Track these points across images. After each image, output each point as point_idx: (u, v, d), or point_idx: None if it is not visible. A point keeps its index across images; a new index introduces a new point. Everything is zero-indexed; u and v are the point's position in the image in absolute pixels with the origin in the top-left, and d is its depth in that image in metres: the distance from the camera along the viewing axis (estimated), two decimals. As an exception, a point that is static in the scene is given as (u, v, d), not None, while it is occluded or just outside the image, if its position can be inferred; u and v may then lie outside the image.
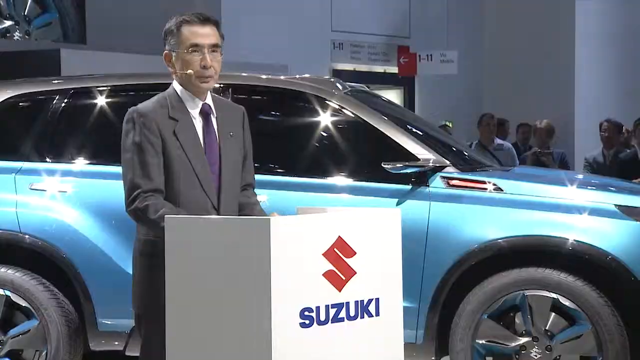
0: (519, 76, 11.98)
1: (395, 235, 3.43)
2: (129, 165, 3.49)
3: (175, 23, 3.58)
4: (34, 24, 8.14)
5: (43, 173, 5.26)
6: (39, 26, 8.15)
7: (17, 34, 7.81)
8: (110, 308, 5.07)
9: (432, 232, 4.87)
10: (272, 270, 3.00)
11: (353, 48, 17.20)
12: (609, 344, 4.73)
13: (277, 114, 5.43)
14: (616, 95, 12.48)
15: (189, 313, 3.16)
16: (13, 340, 5.15)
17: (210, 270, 3.12)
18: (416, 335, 4.85)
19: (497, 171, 5.44)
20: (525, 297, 4.81)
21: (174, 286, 3.19)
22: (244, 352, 3.05)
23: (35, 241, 5.15)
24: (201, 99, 3.61)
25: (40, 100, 5.47)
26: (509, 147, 10.06)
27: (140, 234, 3.58)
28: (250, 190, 3.77)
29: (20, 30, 7.93)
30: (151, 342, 3.49)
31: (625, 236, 4.82)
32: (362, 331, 3.26)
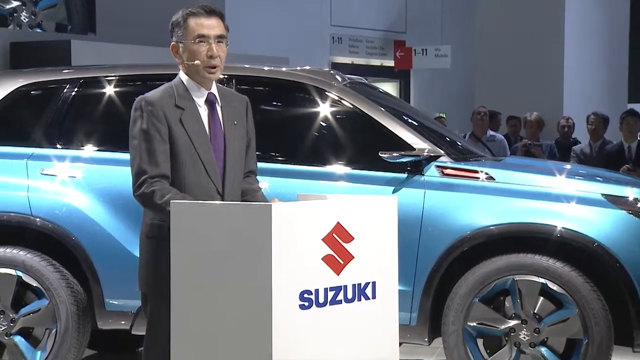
0: (510, 70, 11.99)
1: (392, 221, 3.43)
2: (137, 151, 3.49)
3: (182, 15, 3.57)
4: (40, 5, 8.05)
5: (53, 159, 5.25)
6: (44, 7, 8.06)
7: (24, 14, 7.72)
8: (117, 289, 5.06)
9: (427, 218, 4.86)
10: (273, 254, 3.00)
11: (351, 42, 17.20)
12: (594, 327, 4.73)
13: (278, 104, 5.42)
14: (602, 89, 12.49)
15: (193, 294, 3.16)
16: (24, 318, 5.15)
17: (213, 253, 3.12)
18: (410, 318, 4.85)
19: (489, 161, 5.43)
20: (515, 282, 4.80)
21: (179, 268, 3.18)
22: (246, 332, 3.05)
23: (45, 224, 5.14)
24: (207, 88, 3.61)
25: (51, 89, 5.45)
26: (501, 139, 10.06)
27: (146, 217, 3.57)
28: (252, 177, 3.77)
29: (27, 10, 7.86)
30: (156, 321, 3.49)
31: (611, 224, 4.82)
32: (359, 313, 3.27)
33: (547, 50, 11.99)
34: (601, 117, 9.51)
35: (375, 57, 17.64)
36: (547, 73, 11.97)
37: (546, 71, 11.97)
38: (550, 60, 11.98)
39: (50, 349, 5.11)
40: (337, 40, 16.89)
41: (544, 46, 12.00)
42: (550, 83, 11.95)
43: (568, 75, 12.07)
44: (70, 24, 8.15)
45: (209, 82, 3.61)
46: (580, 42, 12.23)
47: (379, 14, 17.42)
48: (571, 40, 12.10)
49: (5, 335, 5.13)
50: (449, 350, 4.88)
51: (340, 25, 16.76)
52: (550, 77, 11.97)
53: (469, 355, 4.85)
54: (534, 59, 11.97)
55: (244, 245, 3.06)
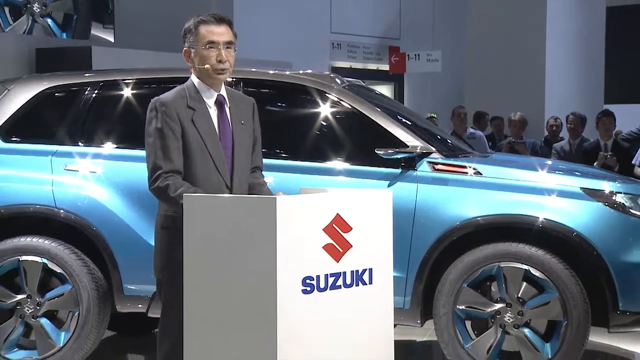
0: (496, 74, 11.99)
1: (387, 213, 3.43)
2: (152, 148, 3.49)
3: (193, 23, 3.57)
4: None
5: (76, 155, 5.25)
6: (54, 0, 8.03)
7: (36, 5, 7.71)
8: (134, 275, 5.06)
9: (419, 210, 4.86)
10: (277, 243, 3.00)
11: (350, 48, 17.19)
12: (573, 310, 4.73)
13: (282, 105, 5.41)
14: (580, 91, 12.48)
15: (204, 280, 3.16)
16: (49, 302, 5.15)
17: (223, 242, 3.12)
18: (404, 302, 4.85)
19: (477, 157, 5.42)
20: (501, 268, 4.80)
21: (191, 256, 3.18)
22: (252, 315, 3.05)
23: (69, 215, 5.14)
24: (216, 90, 3.60)
25: (74, 91, 5.45)
26: (481, 136, 10.06)
27: (161, 209, 3.57)
28: (258, 172, 3.77)
29: (39, 2, 7.85)
30: (170, 305, 3.49)
31: (588, 215, 4.81)
32: (357, 297, 3.27)
33: (530, 56, 11.99)
34: (579, 117, 9.51)
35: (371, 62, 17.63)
36: (530, 76, 11.98)
37: (529, 75, 11.97)
38: (533, 65, 11.99)
39: (73, 330, 5.11)
40: (337, 46, 16.88)
41: (528, 52, 12.01)
42: (533, 86, 11.96)
43: (549, 79, 12.07)
44: (76, 14, 8.13)
45: (219, 85, 3.61)
46: (560, 48, 12.24)
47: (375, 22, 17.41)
48: (552, 47, 12.10)
49: (32, 317, 5.13)
50: (440, 331, 4.88)
51: (339, 33, 16.75)
52: (533, 80, 11.98)
53: (458, 336, 4.84)
54: (518, 64, 11.98)
55: (250, 235, 3.06)
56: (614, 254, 4.75)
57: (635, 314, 4.78)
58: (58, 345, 5.12)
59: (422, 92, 17.73)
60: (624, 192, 4.94)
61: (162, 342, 3.57)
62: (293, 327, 3.04)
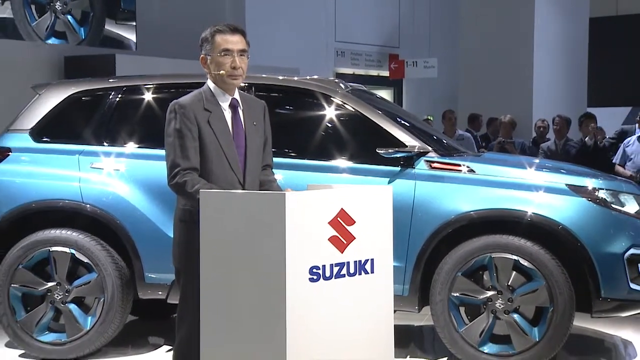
0: (487, 79, 11.97)
1: (388, 208, 3.42)
2: (171, 147, 3.48)
3: (210, 32, 3.56)
4: None
5: (101, 154, 5.25)
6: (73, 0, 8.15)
7: (58, 3, 7.84)
8: (155, 264, 5.06)
9: (417, 205, 4.85)
10: (286, 235, 2.99)
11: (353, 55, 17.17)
12: (559, 297, 4.72)
13: (291, 108, 5.40)
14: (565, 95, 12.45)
15: (218, 269, 3.16)
16: (77, 289, 5.16)
17: (236, 234, 3.11)
18: (403, 289, 4.85)
19: (470, 156, 5.41)
20: (492, 259, 4.79)
21: (207, 247, 3.18)
22: (263, 302, 3.05)
23: (94, 210, 5.15)
24: (230, 94, 3.60)
25: (99, 96, 5.45)
26: (469, 137, 10.04)
27: (179, 204, 3.57)
28: (269, 170, 3.76)
29: (60, 1, 7.97)
30: (188, 292, 3.49)
31: (573, 210, 4.80)
32: (360, 285, 3.26)
33: (519, 63, 11.98)
34: (565, 118, 9.51)
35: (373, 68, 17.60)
36: (519, 81, 11.96)
37: (518, 80, 11.96)
38: (521, 71, 11.97)
39: (99, 315, 5.12)
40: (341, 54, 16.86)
41: (516, 59, 11.99)
42: (522, 90, 11.93)
43: (536, 84, 12.05)
44: (92, 11, 8.24)
45: (233, 89, 3.61)
46: (547, 56, 12.22)
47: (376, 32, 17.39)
48: (539, 54, 12.09)
49: (61, 303, 5.14)
50: (436, 316, 4.87)
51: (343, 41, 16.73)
52: (522, 85, 11.96)
53: (452, 321, 4.84)
54: (508, 70, 11.97)
55: (261, 228, 3.05)
56: (597, 246, 4.74)
57: (616, 300, 4.77)
58: (85, 328, 5.13)
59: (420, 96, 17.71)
60: (606, 189, 4.93)
61: (180, 325, 3.57)
62: (301, 313, 3.04)
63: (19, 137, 5.41)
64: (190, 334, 3.41)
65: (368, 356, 3.31)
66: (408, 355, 5.28)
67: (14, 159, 5.36)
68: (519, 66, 11.95)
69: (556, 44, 12.38)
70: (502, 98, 11.71)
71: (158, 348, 5.52)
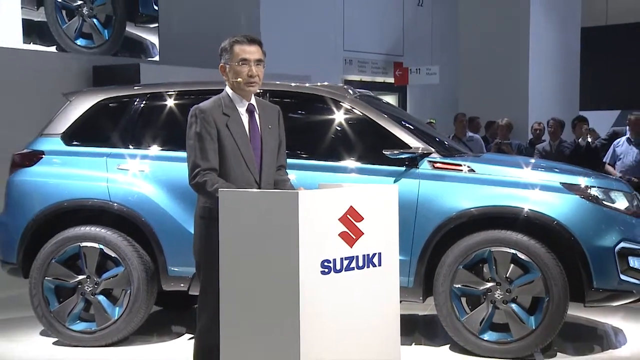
0: (486, 85, 11.94)
1: (393, 205, 3.41)
2: (192, 149, 3.48)
3: (228, 42, 3.56)
4: (95, 3, 8.33)
5: (127, 157, 5.26)
6: (98, 5, 8.35)
7: (85, 9, 8.07)
8: (177, 258, 5.07)
9: (421, 203, 4.84)
10: (299, 231, 2.99)
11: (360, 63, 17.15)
12: (554, 288, 4.70)
13: (303, 113, 5.40)
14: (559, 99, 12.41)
15: (236, 263, 3.16)
16: (106, 282, 5.17)
17: (252, 230, 3.11)
18: (408, 281, 4.84)
19: (470, 157, 5.39)
20: (491, 252, 4.78)
21: (226, 242, 3.18)
22: (278, 293, 3.04)
23: (121, 208, 5.16)
24: (247, 100, 3.60)
25: (125, 102, 5.46)
26: (478, 139, 10.01)
27: (199, 202, 3.57)
28: (283, 170, 3.76)
29: (87, 6, 8.18)
30: (208, 284, 3.49)
31: (567, 206, 4.78)
32: (368, 278, 3.25)
33: (516, 69, 11.95)
34: (558, 121, 9.48)
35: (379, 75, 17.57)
36: (515, 86, 11.92)
37: (515, 85, 11.92)
38: (518, 77, 11.94)
39: (125, 306, 5.13)
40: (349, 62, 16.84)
41: (513, 66, 11.96)
42: (518, 94, 11.90)
43: (532, 89, 12.01)
44: (114, 15, 8.40)
45: (249, 95, 3.61)
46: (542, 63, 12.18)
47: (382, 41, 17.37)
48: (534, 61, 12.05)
49: (91, 294, 5.16)
50: (439, 306, 4.86)
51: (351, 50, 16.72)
52: (518, 90, 11.92)
53: (454, 311, 4.83)
54: (505, 76, 11.94)
55: (276, 224, 3.05)
56: (589, 240, 4.72)
57: (607, 291, 4.75)
58: (113, 318, 5.14)
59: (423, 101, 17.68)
60: (598, 186, 4.91)
61: (201, 315, 3.57)
62: (313, 303, 3.03)
63: (52, 141, 5.43)
64: (210, 323, 3.41)
65: (376, 343, 3.30)
66: (413, 342, 5.27)
67: (47, 161, 5.38)
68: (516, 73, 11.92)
69: (550, 52, 12.35)
70: (500, 102, 11.68)
71: (180, 336, 5.53)
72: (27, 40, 7.60)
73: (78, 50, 8.11)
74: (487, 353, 4.80)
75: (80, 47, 8.02)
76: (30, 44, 7.55)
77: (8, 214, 5.40)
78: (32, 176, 5.34)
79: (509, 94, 11.84)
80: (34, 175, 5.34)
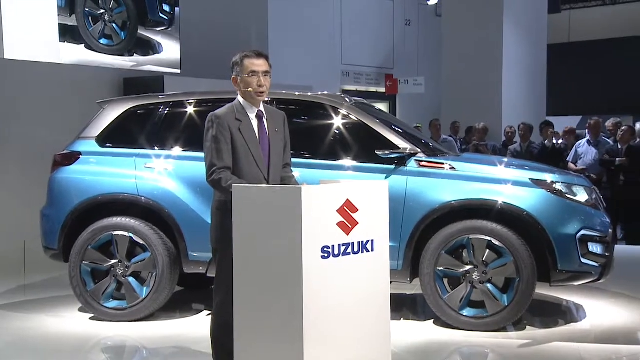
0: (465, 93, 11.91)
1: (384, 198, 3.39)
2: (209, 150, 3.47)
3: (239, 57, 3.55)
4: (115, 11, 8.63)
5: (153, 157, 5.25)
6: (117, 13, 8.64)
7: (107, 16, 8.40)
8: (196, 245, 5.07)
9: (408, 196, 4.83)
10: (302, 221, 2.98)
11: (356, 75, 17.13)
12: (524, 270, 4.70)
13: (305, 118, 5.38)
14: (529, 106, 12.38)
15: (248, 249, 3.15)
16: (135, 265, 5.17)
17: (262, 220, 3.10)
18: (397, 264, 4.83)
19: (452, 156, 5.37)
20: (470, 239, 4.77)
21: (239, 231, 3.17)
22: (285, 275, 3.03)
23: (148, 201, 5.15)
24: (257, 107, 3.58)
25: (151, 109, 5.45)
26: (451, 141, 10.02)
27: (216, 196, 3.56)
28: (288, 168, 3.74)
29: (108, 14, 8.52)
30: (223, 267, 3.48)
31: (535, 199, 4.77)
32: (363, 261, 3.24)
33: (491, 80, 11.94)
34: (528, 125, 9.46)
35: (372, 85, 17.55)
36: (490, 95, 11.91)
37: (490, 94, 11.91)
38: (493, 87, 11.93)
39: (152, 286, 5.13)
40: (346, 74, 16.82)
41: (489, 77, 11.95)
42: (493, 102, 11.88)
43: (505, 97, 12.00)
44: (129, 20, 8.68)
45: (258, 103, 3.59)
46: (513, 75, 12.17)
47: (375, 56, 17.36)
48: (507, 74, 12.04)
49: (122, 276, 5.16)
50: (424, 286, 4.86)
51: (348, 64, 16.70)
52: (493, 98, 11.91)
53: (438, 290, 4.82)
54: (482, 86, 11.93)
55: (282, 215, 3.03)
56: (554, 228, 4.71)
57: (570, 272, 4.75)
58: (141, 297, 5.15)
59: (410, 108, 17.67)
60: (562, 182, 4.90)
61: (217, 295, 3.56)
62: (314, 283, 3.02)
63: (87, 143, 5.42)
64: (225, 301, 3.40)
65: (369, 318, 3.29)
66: (402, 317, 5.26)
67: (84, 160, 5.38)
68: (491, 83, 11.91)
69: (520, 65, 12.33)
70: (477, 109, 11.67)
71: (200, 313, 5.52)
72: (62, 40, 8.09)
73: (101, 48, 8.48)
74: (466, 326, 4.80)
75: (103, 45, 8.40)
76: (65, 42, 8.07)
77: (50, 207, 5.39)
78: (71, 174, 5.34)
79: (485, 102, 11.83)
80: (72, 173, 5.34)
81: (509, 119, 11.48)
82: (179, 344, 4.67)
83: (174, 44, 9.33)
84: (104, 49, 8.49)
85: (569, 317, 5.47)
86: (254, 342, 3.11)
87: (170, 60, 9.38)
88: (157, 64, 9.20)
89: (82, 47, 8.25)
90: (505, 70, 11.99)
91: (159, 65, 9.22)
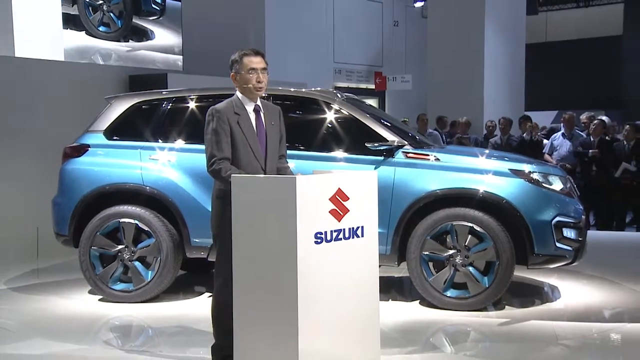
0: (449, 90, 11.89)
1: (374, 188, 3.39)
2: (209, 142, 3.46)
3: (238, 55, 3.53)
4: (112, 2, 8.67)
5: (157, 149, 5.23)
6: (114, 3, 8.69)
7: (105, 6, 8.51)
8: (198, 231, 5.05)
9: (396, 185, 4.82)
10: (297, 209, 2.97)
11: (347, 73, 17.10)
12: (503, 254, 4.71)
13: (300, 112, 5.36)
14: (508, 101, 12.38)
15: (246, 234, 3.14)
16: (140, 250, 5.16)
17: (259, 208, 3.09)
18: (386, 249, 4.83)
19: (436, 148, 5.37)
20: (453, 226, 4.77)
21: (237, 218, 3.16)
22: (280, 259, 3.03)
23: (152, 190, 5.13)
24: (254, 102, 3.57)
25: (155, 104, 5.42)
26: (437, 134, 10.01)
27: (216, 185, 3.54)
28: (283, 159, 3.73)
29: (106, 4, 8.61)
30: (222, 252, 3.47)
31: (514, 188, 4.78)
32: (353, 246, 3.24)
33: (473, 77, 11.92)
34: (508, 119, 9.47)
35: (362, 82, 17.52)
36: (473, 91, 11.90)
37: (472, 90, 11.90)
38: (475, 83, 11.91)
39: (157, 270, 5.12)
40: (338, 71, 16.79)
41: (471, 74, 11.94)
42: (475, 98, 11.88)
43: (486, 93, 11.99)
44: (125, 11, 8.78)
45: (256, 98, 3.57)
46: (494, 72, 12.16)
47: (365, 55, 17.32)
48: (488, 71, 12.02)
49: (129, 261, 5.15)
50: (411, 269, 4.86)
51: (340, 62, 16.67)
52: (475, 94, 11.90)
53: (423, 273, 4.83)
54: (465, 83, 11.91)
55: (278, 203, 3.03)
56: (531, 215, 4.72)
57: (546, 255, 4.76)
58: (147, 280, 5.13)
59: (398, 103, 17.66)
60: (538, 172, 4.90)
61: (217, 278, 3.55)
62: (308, 267, 3.02)
63: (95, 136, 5.39)
64: (224, 284, 3.39)
65: (359, 299, 3.29)
66: (390, 299, 5.27)
67: (92, 152, 5.35)
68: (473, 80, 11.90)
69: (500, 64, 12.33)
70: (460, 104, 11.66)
71: (201, 295, 5.52)
72: (65, 27, 8.21)
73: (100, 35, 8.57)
74: (450, 306, 4.81)
75: (102, 32, 8.65)
76: (68, 29, 8.21)
77: (61, 196, 5.37)
78: (80, 165, 5.31)
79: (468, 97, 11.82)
80: (81, 164, 5.31)
81: (490, 113, 11.48)
82: (181, 324, 4.67)
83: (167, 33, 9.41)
84: (102, 36, 8.68)
85: (545, 297, 5.49)
86: (252, 321, 3.11)
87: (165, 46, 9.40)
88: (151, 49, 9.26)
89: (83, 34, 8.40)
90: (487, 68, 11.99)
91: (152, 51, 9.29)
